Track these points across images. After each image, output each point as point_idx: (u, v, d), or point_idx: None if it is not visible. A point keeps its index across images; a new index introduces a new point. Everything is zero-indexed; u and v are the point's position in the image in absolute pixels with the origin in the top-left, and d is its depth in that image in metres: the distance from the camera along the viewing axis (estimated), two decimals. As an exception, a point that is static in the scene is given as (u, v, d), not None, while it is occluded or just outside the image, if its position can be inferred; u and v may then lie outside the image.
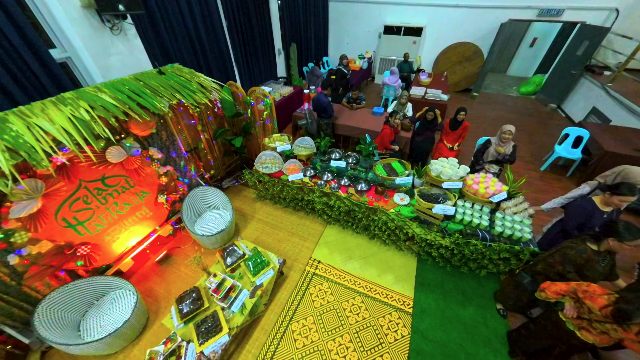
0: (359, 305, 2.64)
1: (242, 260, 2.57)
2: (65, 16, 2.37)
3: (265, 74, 5.89)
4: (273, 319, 2.52)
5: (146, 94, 2.35)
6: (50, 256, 2.30)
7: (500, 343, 2.34)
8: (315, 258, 3.10)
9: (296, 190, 3.29)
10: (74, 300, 2.22)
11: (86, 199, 2.47)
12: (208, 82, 2.86)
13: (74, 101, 2.01)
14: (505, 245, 2.40)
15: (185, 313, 2.13)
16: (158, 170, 3.06)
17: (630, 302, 1.37)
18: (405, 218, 2.74)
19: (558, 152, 4.27)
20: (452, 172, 2.68)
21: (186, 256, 3.12)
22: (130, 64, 2.97)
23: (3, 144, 1.61)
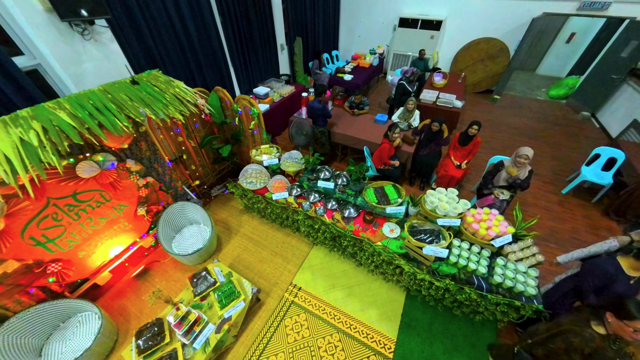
0: (336, 344, 2.44)
1: (212, 288, 2.42)
2: (27, 21, 2.19)
3: (266, 71, 5.57)
4: (242, 353, 2.38)
5: (111, 110, 2.16)
6: (18, 275, 2.24)
7: (489, 406, 2.08)
8: (296, 284, 2.91)
9: (280, 209, 3.07)
10: (36, 325, 2.17)
11: (56, 216, 2.37)
12: (186, 91, 2.63)
13: (26, 121, 1.85)
14: (504, 299, 2.08)
15: (143, 349, 2.02)
16: (137, 182, 2.93)
17: None
18: (392, 253, 2.46)
19: (584, 175, 3.74)
20: (449, 207, 2.34)
21: (165, 272, 3.03)
22: (108, 71, 2.79)
23: None
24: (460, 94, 5.20)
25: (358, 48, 8.21)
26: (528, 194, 3.94)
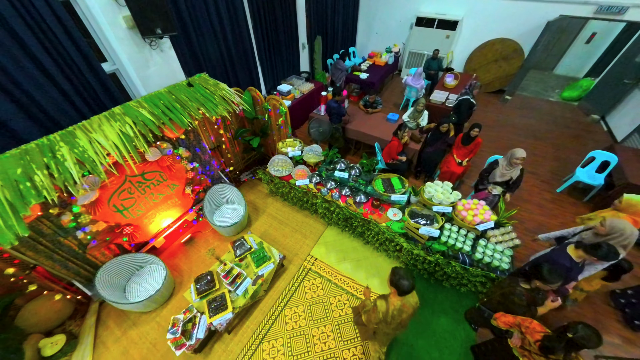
0: (344, 302, 3.06)
1: (248, 252, 3.07)
2: (114, 35, 2.80)
3: (288, 69, 6.06)
4: (270, 303, 3.03)
5: (176, 109, 2.77)
6: (105, 233, 2.96)
7: (465, 355, 2.64)
8: (313, 255, 3.52)
9: (302, 193, 3.65)
10: (121, 270, 2.90)
11: (130, 190, 3.05)
12: (229, 93, 3.20)
13: (121, 117, 2.49)
14: (482, 272, 2.60)
15: (200, 291, 2.69)
16: (186, 166, 3.58)
17: (552, 341, 1.60)
18: (394, 232, 3.00)
19: (578, 176, 4.08)
20: (443, 197, 2.83)
21: (206, 240, 3.72)
22: (165, 73, 3.39)
23: (74, 157, 2.13)
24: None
25: (374, 45, 8.49)
26: (523, 191, 4.33)
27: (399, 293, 1.80)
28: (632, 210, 2.41)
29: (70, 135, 2.27)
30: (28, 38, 2.28)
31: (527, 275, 2.05)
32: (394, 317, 1.86)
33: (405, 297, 1.83)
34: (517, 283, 2.07)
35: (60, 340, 2.64)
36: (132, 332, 2.82)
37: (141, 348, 2.70)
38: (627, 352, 2.62)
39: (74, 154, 2.16)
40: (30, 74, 2.38)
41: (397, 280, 1.78)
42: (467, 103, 4.66)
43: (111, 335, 2.81)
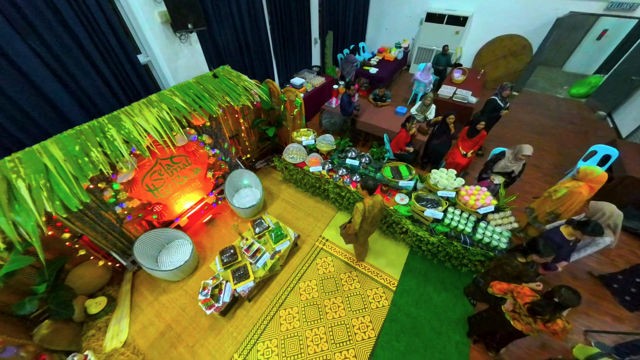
0: (353, 278, 3.34)
1: (266, 230, 3.36)
2: (149, 28, 3.07)
3: (300, 63, 6.28)
4: (286, 277, 3.34)
5: (205, 98, 3.05)
6: (138, 210, 3.28)
7: (462, 325, 2.90)
8: (324, 237, 3.80)
9: (315, 179, 3.92)
10: (153, 242, 3.23)
11: (160, 172, 3.36)
12: (250, 84, 3.46)
13: (158, 104, 2.78)
14: (482, 251, 2.84)
15: (225, 262, 3.00)
16: (208, 152, 3.87)
17: (540, 304, 1.84)
18: (402, 215, 3.25)
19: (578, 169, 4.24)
20: (448, 182, 3.07)
21: (225, 221, 4.03)
22: (192, 66, 3.66)
23: (122, 137, 2.43)
24: (477, 91, 5.66)
25: (384, 41, 8.62)
26: (525, 183, 4.52)
27: (369, 193, 2.48)
28: (588, 179, 2.84)
29: (116, 119, 2.57)
30: (78, 28, 2.55)
31: (524, 250, 2.28)
32: (370, 212, 2.58)
33: (373, 196, 2.56)
34: (514, 257, 2.31)
35: (102, 301, 2.99)
36: (163, 298, 3.16)
37: (172, 311, 3.04)
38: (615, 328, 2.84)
39: (121, 134, 2.46)
40: (78, 61, 2.67)
41: (365, 182, 2.44)
42: (491, 104, 4.51)
43: (144, 300, 3.15)
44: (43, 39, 2.39)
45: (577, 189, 2.80)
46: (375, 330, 2.88)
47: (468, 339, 2.80)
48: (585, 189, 2.78)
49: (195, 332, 2.87)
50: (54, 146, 2.24)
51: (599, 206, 2.50)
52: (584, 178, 2.83)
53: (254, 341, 2.81)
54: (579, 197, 2.79)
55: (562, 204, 2.92)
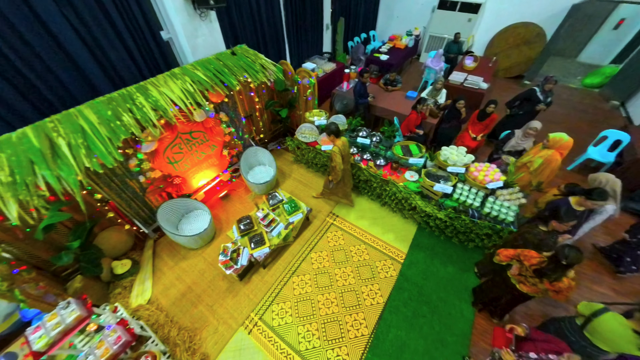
0: (363, 250, 3.47)
1: (280, 203, 3.51)
2: (172, 6, 3.20)
3: (312, 49, 6.34)
4: (298, 248, 3.49)
5: (225, 73, 3.17)
6: (160, 181, 3.46)
7: (468, 295, 3.02)
8: (335, 213, 3.93)
9: (326, 158, 4.04)
10: (175, 209, 3.42)
11: (180, 146, 3.51)
12: (267, 63, 3.57)
13: (181, 76, 2.92)
14: (489, 224, 2.94)
15: (242, 230, 3.17)
16: (224, 130, 4.01)
17: (549, 268, 1.94)
18: (411, 191, 3.36)
19: (589, 154, 4.27)
20: (458, 158, 3.15)
21: (240, 197, 4.19)
22: (210, 44, 3.79)
23: (150, 105, 2.58)
24: (488, 77, 5.65)
25: (395, 29, 8.58)
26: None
27: (336, 136, 3.06)
28: (557, 146, 3.10)
29: (143, 89, 2.72)
30: (108, 3, 2.69)
31: (544, 219, 2.36)
32: (344, 150, 3.16)
33: (340, 138, 3.12)
34: (535, 225, 2.40)
35: (127, 263, 3.19)
36: (183, 263, 3.35)
37: (191, 275, 3.23)
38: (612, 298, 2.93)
39: (149, 102, 2.61)
40: (107, 34, 2.82)
41: (329, 128, 3.03)
42: (528, 94, 4.19)
43: (166, 265, 3.35)
44: (78, 12, 2.54)
45: (551, 157, 3.06)
46: (384, 297, 3.02)
47: (473, 308, 2.92)
48: (557, 155, 3.06)
49: (214, 294, 3.06)
50: (89, 110, 2.40)
51: (595, 177, 2.69)
52: (554, 145, 3.10)
53: (269, 303, 2.98)
54: (555, 164, 3.07)
55: (542, 173, 3.14)
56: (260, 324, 2.83)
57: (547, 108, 4.13)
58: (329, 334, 2.75)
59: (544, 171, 3.14)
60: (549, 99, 4.11)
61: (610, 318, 1.81)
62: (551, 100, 4.12)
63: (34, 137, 2.13)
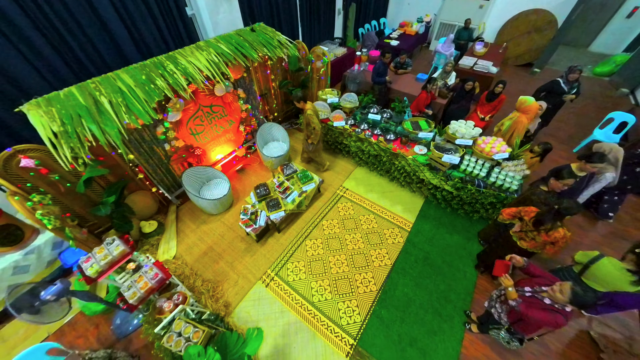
0: (372, 219, 3.67)
1: (294, 173, 3.72)
2: (196, -17, 3.38)
3: (324, 33, 6.46)
4: (310, 215, 3.71)
5: (246, 46, 3.35)
6: (182, 150, 3.69)
7: (471, 260, 3.20)
8: (345, 186, 4.13)
9: (337, 134, 4.22)
10: (197, 176, 3.66)
11: (201, 118, 3.73)
12: (284, 40, 3.74)
13: (206, 48, 3.11)
14: (494, 192, 3.10)
15: (260, 195, 3.39)
16: (241, 106, 4.21)
17: (543, 214, 2.11)
18: (419, 164, 3.53)
19: (595, 135, 4.37)
20: (466, 131, 3.30)
21: (255, 171, 4.41)
22: (229, 20, 3.97)
23: (180, 72, 2.79)
24: (498, 62, 5.72)
25: (405, 16, 8.61)
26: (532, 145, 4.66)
27: (304, 101, 3.37)
28: (522, 108, 3.44)
29: (172, 58, 2.92)
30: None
31: (545, 179, 2.53)
32: (316, 112, 3.50)
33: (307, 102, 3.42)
34: (537, 187, 2.56)
35: (154, 224, 3.45)
36: (204, 227, 3.60)
37: (212, 237, 3.48)
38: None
39: (178, 70, 2.81)
40: (138, 7, 3.02)
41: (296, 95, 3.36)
42: (550, 85, 4.06)
43: (188, 228, 3.60)
44: (113, -17, 2.74)
45: (517, 119, 3.45)
46: (391, 260, 3.22)
47: (476, 271, 3.11)
48: (523, 118, 3.43)
49: (233, 253, 3.30)
50: (125, 75, 2.61)
51: (599, 145, 2.83)
52: (519, 107, 3.50)
53: (284, 261, 3.21)
54: (521, 125, 3.42)
55: (511, 133, 3.51)
56: (277, 278, 3.06)
57: (575, 97, 3.93)
58: (339, 289, 2.97)
59: (514, 132, 3.50)
60: (574, 89, 3.92)
61: (606, 262, 1.98)
62: (578, 90, 3.91)
63: (79, 95, 2.36)
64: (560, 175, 2.33)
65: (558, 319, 1.61)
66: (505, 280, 1.88)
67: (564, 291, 1.59)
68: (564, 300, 1.60)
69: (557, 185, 2.37)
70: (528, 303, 1.74)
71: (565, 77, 3.97)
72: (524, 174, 3.18)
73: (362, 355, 2.51)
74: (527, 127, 3.47)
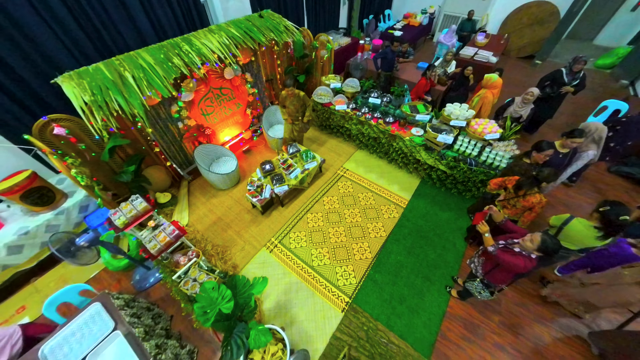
0: (369, 197, 3.91)
1: (298, 152, 3.96)
2: (209, -30, 3.61)
3: (329, 23, 6.63)
4: (311, 192, 3.96)
5: (254, 31, 3.58)
6: (194, 129, 3.95)
7: (461, 234, 3.43)
8: (345, 167, 4.37)
9: (339, 117, 4.44)
10: (207, 153, 3.93)
11: (211, 100, 3.98)
12: (291, 26, 3.95)
13: (218, 32, 3.35)
14: (484, 170, 3.30)
15: (265, 171, 3.65)
16: (249, 90, 4.46)
17: (522, 180, 2.33)
18: (416, 144, 3.74)
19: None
20: (460, 113, 3.50)
21: (261, 152, 4.67)
22: (238, 7, 4.19)
23: (194, 52, 3.04)
24: (498, 52, 5.85)
25: (410, 7, 8.71)
26: (536, 136, 4.82)
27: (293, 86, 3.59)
28: (489, 85, 3.90)
29: (187, 40, 3.17)
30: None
31: (528, 153, 2.74)
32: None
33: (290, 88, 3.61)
34: (520, 159, 2.77)
35: (168, 195, 3.75)
36: (213, 200, 3.88)
37: (221, 209, 3.76)
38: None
39: (193, 50, 3.06)
40: (157, -7, 3.27)
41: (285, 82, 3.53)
42: (552, 74, 3.97)
43: (199, 201, 3.88)
44: (135, -31, 2.98)
45: (484, 95, 4.02)
46: (387, 232, 3.47)
47: (465, 243, 3.33)
48: (489, 93, 3.97)
49: (240, 223, 3.58)
50: (146, 53, 2.87)
51: (586, 124, 3.01)
52: (486, 84, 3.99)
53: (287, 231, 3.48)
54: (487, 100, 3.97)
55: (479, 107, 4.01)
56: (280, 245, 3.33)
57: (574, 90, 3.86)
58: (337, 256, 3.23)
59: (482, 107, 4.11)
60: (577, 80, 3.83)
61: (576, 222, 2.20)
62: (580, 82, 3.81)
63: (106, 70, 2.62)
64: (540, 147, 2.54)
65: (526, 263, 1.84)
66: (482, 226, 2.11)
67: (534, 239, 1.82)
68: (532, 247, 1.83)
69: (539, 157, 2.57)
70: (504, 251, 1.98)
71: (570, 67, 3.92)
72: (513, 154, 3.37)
73: (356, 310, 2.77)
74: (492, 102, 4.07)
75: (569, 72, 3.96)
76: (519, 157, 2.82)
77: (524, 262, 1.84)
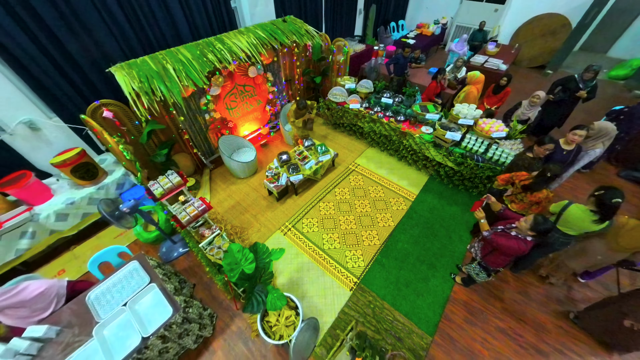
0: (379, 190, 4.11)
1: (313, 145, 4.24)
2: (240, -20, 4.03)
3: (345, 31, 7.02)
4: (324, 184, 4.20)
5: (278, 34, 3.95)
6: (219, 121, 4.30)
7: (467, 227, 3.56)
8: (357, 162, 4.60)
9: (352, 116, 4.71)
10: (230, 143, 4.26)
11: (235, 95, 4.34)
12: (312, 30, 4.31)
13: (246, 33, 3.72)
14: (491, 166, 3.47)
15: (282, 160, 3.93)
16: (269, 88, 4.81)
17: (532, 182, 2.48)
18: (425, 141, 3.95)
19: (465, 72, 4.61)
20: (468, 112, 3.70)
21: (277, 146, 4.97)
22: (263, 13, 4.60)
23: (226, 50, 3.40)
24: (508, 61, 6.03)
25: (423, 18, 9.05)
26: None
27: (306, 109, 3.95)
28: (473, 81, 4.25)
29: (219, 39, 3.55)
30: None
31: (531, 148, 2.90)
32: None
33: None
34: (524, 152, 2.94)
35: (192, 180, 4.07)
36: (232, 187, 4.18)
37: (239, 194, 4.04)
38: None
39: (225, 48, 3.43)
40: (196, -1, 3.70)
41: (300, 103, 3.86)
42: (565, 80, 4.04)
43: (219, 187, 4.19)
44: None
45: (469, 90, 4.35)
46: (395, 222, 3.64)
47: (470, 236, 3.47)
48: (474, 88, 4.29)
49: (257, 208, 3.84)
50: (184, 49, 3.25)
51: (603, 125, 3.07)
52: (470, 81, 4.37)
53: (300, 217, 3.71)
54: (472, 95, 4.32)
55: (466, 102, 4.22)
56: (293, 229, 3.56)
57: (587, 96, 3.96)
58: (347, 241, 3.43)
59: (468, 101, 4.33)
60: (587, 88, 3.95)
61: (574, 207, 2.33)
62: (591, 90, 3.94)
63: (151, 62, 3.00)
64: (541, 141, 2.70)
65: (520, 245, 2.00)
66: (478, 213, 2.28)
67: (528, 219, 1.98)
68: (526, 227, 1.98)
69: (540, 151, 2.74)
70: (499, 235, 2.14)
71: (583, 80, 4.04)
72: (520, 150, 3.52)
73: (364, 290, 2.95)
74: (477, 97, 4.44)
75: (581, 80, 4.13)
76: (522, 152, 2.98)
77: (517, 244, 2.00)
